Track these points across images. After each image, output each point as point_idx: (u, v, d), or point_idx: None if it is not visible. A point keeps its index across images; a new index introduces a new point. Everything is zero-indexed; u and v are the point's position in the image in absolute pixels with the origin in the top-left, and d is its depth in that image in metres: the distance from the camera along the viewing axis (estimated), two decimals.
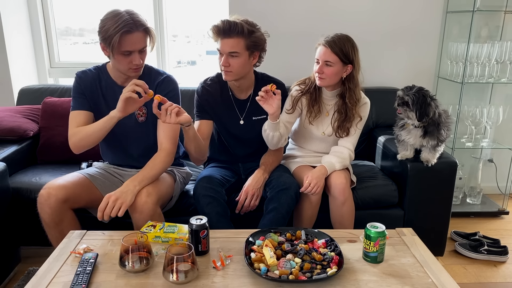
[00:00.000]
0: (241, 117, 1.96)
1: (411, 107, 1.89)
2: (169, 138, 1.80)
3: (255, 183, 1.86)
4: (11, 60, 2.67)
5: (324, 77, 1.87)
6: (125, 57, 1.66)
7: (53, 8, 2.87)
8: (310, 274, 1.27)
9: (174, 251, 1.27)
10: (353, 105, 1.92)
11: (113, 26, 1.59)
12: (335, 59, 1.83)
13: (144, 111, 1.82)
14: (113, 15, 1.62)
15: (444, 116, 1.96)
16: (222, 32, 1.73)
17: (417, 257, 1.42)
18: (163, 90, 1.79)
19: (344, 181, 1.85)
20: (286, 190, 1.80)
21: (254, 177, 1.88)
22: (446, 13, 2.71)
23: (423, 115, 1.88)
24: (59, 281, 1.27)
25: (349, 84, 1.90)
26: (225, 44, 1.74)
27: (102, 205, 1.58)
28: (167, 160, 1.79)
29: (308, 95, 1.97)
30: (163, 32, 2.87)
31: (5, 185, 1.89)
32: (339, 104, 1.95)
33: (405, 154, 2.02)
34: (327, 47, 1.83)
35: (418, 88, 1.90)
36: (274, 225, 1.73)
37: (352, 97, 1.91)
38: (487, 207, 2.77)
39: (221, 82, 1.92)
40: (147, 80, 1.79)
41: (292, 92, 2.00)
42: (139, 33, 1.64)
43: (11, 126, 2.21)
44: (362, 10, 2.68)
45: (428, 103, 1.88)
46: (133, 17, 1.63)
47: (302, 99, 1.98)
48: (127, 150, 1.88)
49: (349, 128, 1.96)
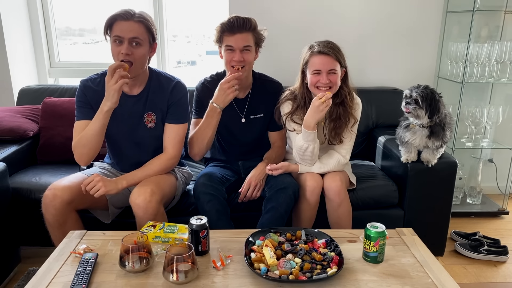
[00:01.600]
0: (242, 115, 1.96)
1: (421, 104, 1.87)
2: (174, 144, 1.81)
3: (258, 174, 1.88)
4: (11, 60, 2.67)
5: (331, 86, 1.81)
6: (116, 46, 1.66)
7: (53, 8, 2.87)
8: (310, 274, 1.27)
9: (174, 251, 1.27)
10: (350, 109, 1.90)
11: (112, 14, 1.66)
12: (337, 65, 1.80)
13: (153, 117, 1.81)
14: (122, 9, 1.68)
15: (448, 117, 1.96)
16: (236, 27, 1.76)
17: (417, 257, 1.42)
18: (175, 96, 1.80)
19: (339, 183, 1.84)
20: (285, 190, 1.80)
21: (257, 169, 1.90)
22: (446, 13, 2.71)
23: (434, 111, 1.86)
24: (59, 281, 1.27)
25: (347, 88, 1.89)
26: (240, 39, 1.77)
27: (88, 180, 1.64)
28: (167, 163, 1.80)
29: (301, 110, 1.90)
30: (163, 32, 2.87)
31: (5, 185, 1.89)
32: (331, 112, 1.89)
33: (410, 157, 2.01)
34: (328, 55, 1.79)
35: (425, 86, 1.89)
36: (273, 225, 1.73)
37: (351, 100, 1.90)
38: (487, 207, 2.77)
39: (220, 79, 1.90)
40: (156, 84, 1.81)
41: (285, 111, 1.92)
42: (134, 22, 1.66)
43: (11, 126, 2.21)
44: (362, 10, 2.67)
45: (437, 99, 1.87)
46: (139, 12, 1.68)
47: (298, 113, 1.91)
48: (140, 157, 1.85)
49: (341, 134, 1.91)
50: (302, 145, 1.84)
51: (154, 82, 1.80)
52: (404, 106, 1.93)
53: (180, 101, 1.81)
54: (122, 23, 1.65)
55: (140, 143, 1.84)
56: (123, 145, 1.86)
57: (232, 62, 1.80)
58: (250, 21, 1.79)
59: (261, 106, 1.97)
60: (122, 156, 1.90)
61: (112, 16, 1.66)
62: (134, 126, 1.81)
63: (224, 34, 1.79)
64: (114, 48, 1.67)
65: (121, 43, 1.65)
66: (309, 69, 1.83)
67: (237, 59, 1.78)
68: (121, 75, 1.59)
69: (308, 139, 1.81)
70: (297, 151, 1.87)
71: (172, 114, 1.81)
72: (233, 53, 1.79)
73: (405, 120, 2.03)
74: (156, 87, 1.80)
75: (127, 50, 1.65)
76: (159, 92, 1.79)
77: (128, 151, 1.87)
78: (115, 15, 1.66)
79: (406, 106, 1.93)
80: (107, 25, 1.67)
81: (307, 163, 1.89)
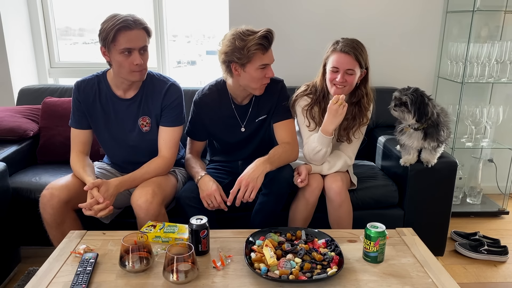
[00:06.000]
0: (242, 124, 1.92)
1: (409, 108, 1.87)
2: (169, 147, 1.81)
3: (252, 173, 1.67)
4: (11, 60, 2.67)
5: (346, 85, 1.81)
6: (125, 58, 1.63)
7: (53, 8, 2.87)
8: (310, 274, 1.27)
9: (174, 251, 1.27)
10: (366, 110, 1.90)
11: (111, 24, 1.59)
12: (357, 66, 1.79)
13: (148, 121, 1.80)
14: (112, 16, 1.62)
15: (442, 115, 1.94)
16: (269, 44, 1.72)
17: (417, 257, 1.42)
18: (169, 98, 1.78)
19: (340, 184, 1.84)
20: (279, 173, 1.74)
21: (251, 166, 1.70)
22: (446, 13, 2.71)
23: (422, 115, 1.87)
24: (59, 281, 1.27)
25: (365, 89, 1.88)
26: (271, 54, 1.75)
27: (93, 202, 1.59)
28: (163, 167, 1.79)
29: (318, 105, 1.90)
30: (163, 32, 2.87)
31: (5, 185, 1.89)
32: (347, 111, 1.86)
33: (408, 159, 2.00)
34: (349, 55, 1.77)
35: (414, 88, 1.89)
36: (266, 208, 1.72)
37: (368, 101, 1.89)
38: (487, 207, 2.77)
39: (219, 90, 1.88)
40: (150, 88, 1.79)
41: (302, 106, 1.92)
42: (138, 31, 1.63)
43: (11, 126, 2.21)
44: (362, 10, 2.68)
45: (426, 103, 1.87)
46: (132, 16, 1.63)
47: (315, 108, 1.91)
48: (136, 158, 1.84)
49: (349, 133, 1.92)
50: (316, 147, 1.83)
51: (148, 85, 1.79)
52: (393, 108, 1.93)
53: (174, 104, 1.78)
54: (128, 34, 1.60)
55: (135, 146, 1.84)
56: (117, 148, 1.86)
57: (264, 78, 1.77)
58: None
59: (265, 108, 1.91)
60: (119, 157, 1.91)
61: (112, 27, 1.58)
62: (128, 129, 1.80)
63: (262, 52, 1.71)
64: (123, 59, 1.63)
65: (129, 53, 1.63)
66: (329, 65, 1.84)
67: (270, 75, 1.77)
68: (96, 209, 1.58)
69: (323, 143, 1.82)
70: (309, 152, 1.87)
71: (166, 117, 1.79)
72: (268, 67, 1.76)
73: (399, 124, 2.03)
74: (150, 91, 1.78)
75: (140, 60, 1.64)
76: (152, 96, 1.78)
77: (123, 154, 1.87)
78: (117, 26, 1.58)
79: (394, 109, 1.92)
80: (110, 36, 1.59)
81: (316, 163, 1.89)
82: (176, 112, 1.81)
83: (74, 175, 1.76)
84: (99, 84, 1.78)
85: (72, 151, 1.82)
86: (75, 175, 1.76)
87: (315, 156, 1.86)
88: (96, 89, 1.78)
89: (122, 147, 1.85)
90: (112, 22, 1.59)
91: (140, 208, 1.62)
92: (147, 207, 1.62)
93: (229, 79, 1.82)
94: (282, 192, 1.78)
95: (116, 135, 1.82)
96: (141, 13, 1.73)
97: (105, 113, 1.79)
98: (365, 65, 1.83)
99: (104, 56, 1.68)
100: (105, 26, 1.60)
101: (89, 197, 1.59)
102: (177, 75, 3.04)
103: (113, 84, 1.78)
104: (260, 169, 1.69)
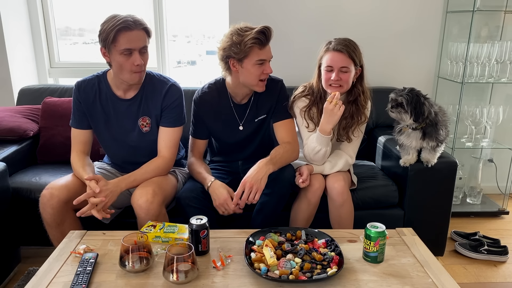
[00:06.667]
0: (240, 122, 1.92)
1: (406, 108, 1.87)
2: (169, 147, 1.81)
3: (255, 174, 1.67)
4: (11, 60, 2.67)
5: (342, 84, 1.82)
6: (126, 58, 1.63)
7: (53, 8, 2.87)
8: (310, 274, 1.27)
9: (174, 251, 1.27)
10: (363, 108, 1.91)
11: (111, 25, 1.59)
12: (351, 63, 1.80)
13: (148, 121, 1.81)
14: (112, 16, 1.63)
15: (440, 114, 1.94)
16: (267, 40, 1.72)
17: (417, 257, 1.42)
18: (169, 99, 1.78)
19: (342, 184, 1.84)
20: (281, 173, 1.75)
21: (254, 168, 1.70)
22: (446, 13, 2.71)
23: (419, 114, 1.87)
24: (59, 281, 1.27)
25: (361, 87, 1.89)
26: (269, 51, 1.75)
27: (90, 193, 1.59)
28: (163, 167, 1.79)
29: (316, 106, 1.91)
30: (163, 32, 2.87)
31: (5, 185, 1.89)
32: (344, 110, 1.86)
33: (408, 159, 2.00)
34: (342, 53, 1.78)
35: (410, 89, 1.89)
36: (267, 208, 1.72)
37: (365, 99, 1.90)
38: (487, 207, 2.77)
39: (219, 88, 1.89)
40: (150, 89, 1.80)
41: (300, 107, 1.93)
42: (139, 31, 1.63)
43: (11, 126, 2.21)
44: (362, 10, 2.68)
45: (422, 103, 1.87)
46: (132, 17, 1.63)
47: (313, 109, 1.92)
48: (136, 158, 1.84)
49: (348, 132, 1.92)
50: (315, 147, 1.84)
51: (148, 85, 1.79)
52: (390, 109, 1.93)
53: (174, 104, 1.79)
54: (128, 34, 1.60)
55: (135, 146, 1.84)
56: (117, 148, 1.86)
57: (262, 74, 1.77)
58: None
59: (264, 107, 1.91)
60: (119, 157, 1.91)
61: (112, 28, 1.58)
62: (128, 129, 1.81)
63: (259, 46, 1.72)
64: (124, 60, 1.63)
65: (130, 54, 1.63)
66: (323, 65, 1.84)
67: (269, 71, 1.78)
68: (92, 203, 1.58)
69: (322, 143, 1.82)
70: (309, 152, 1.87)
71: (166, 117, 1.80)
72: (266, 63, 1.76)
73: (397, 125, 2.03)
74: (150, 91, 1.79)
75: (140, 61, 1.65)
76: (152, 96, 1.78)
77: (123, 154, 1.87)
78: (117, 27, 1.58)
79: (391, 110, 1.93)
80: (110, 37, 1.59)
81: (317, 163, 1.89)
82: (176, 113, 1.81)
83: (74, 175, 1.76)
84: (99, 84, 1.79)
85: (73, 151, 1.82)
86: (75, 175, 1.76)
87: (315, 156, 1.86)
88: (96, 89, 1.78)
89: (122, 147, 1.85)
90: (112, 23, 1.59)
91: (141, 208, 1.62)
92: (148, 207, 1.62)
93: (228, 76, 1.83)
94: (284, 192, 1.79)
95: (116, 135, 1.82)
96: (141, 13, 1.73)
97: (105, 113, 1.79)
98: (359, 62, 1.83)
99: (104, 57, 1.68)
100: (105, 27, 1.61)
101: (87, 190, 1.60)
102: (177, 75, 3.03)
103: (113, 84, 1.78)
104: (264, 170, 1.69)
